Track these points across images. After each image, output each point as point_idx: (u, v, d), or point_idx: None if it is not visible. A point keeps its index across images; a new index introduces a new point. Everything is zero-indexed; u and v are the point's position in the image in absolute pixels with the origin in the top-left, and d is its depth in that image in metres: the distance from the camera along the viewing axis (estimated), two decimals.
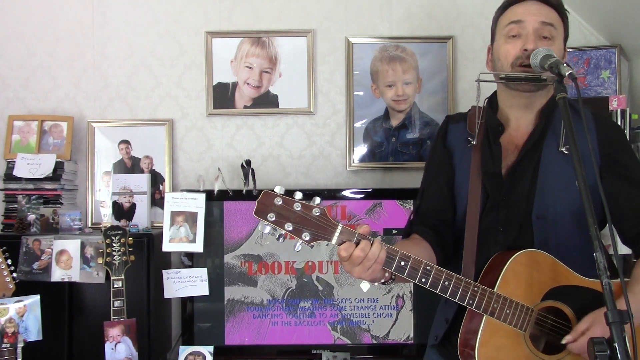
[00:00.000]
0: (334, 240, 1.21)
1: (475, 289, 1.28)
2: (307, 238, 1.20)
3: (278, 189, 1.20)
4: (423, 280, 1.26)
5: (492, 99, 1.53)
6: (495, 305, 1.29)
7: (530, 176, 1.41)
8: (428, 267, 1.26)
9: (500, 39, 1.45)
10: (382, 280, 1.31)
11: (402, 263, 1.24)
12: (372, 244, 1.21)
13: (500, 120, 1.47)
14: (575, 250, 1.36)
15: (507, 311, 1.29)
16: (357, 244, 1.21)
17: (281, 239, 1.21)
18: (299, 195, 1.22)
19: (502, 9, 1.47)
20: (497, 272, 1.34)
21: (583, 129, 1.29)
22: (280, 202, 1.20)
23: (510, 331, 1.30)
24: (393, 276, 1.30)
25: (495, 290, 1.30)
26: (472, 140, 1.47)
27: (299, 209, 1.20)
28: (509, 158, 1.44)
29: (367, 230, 1.24)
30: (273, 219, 1.19)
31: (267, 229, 1.21)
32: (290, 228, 1.19)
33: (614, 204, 1.34)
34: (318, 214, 1.20)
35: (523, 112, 1.45)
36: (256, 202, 1.21)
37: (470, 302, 1.28)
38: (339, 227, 1.21)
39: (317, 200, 1.22)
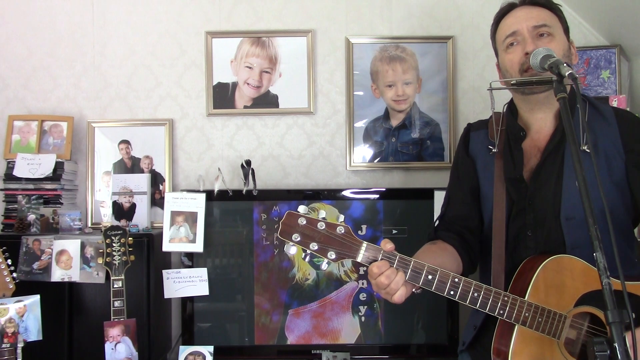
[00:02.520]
0: (360, 258, 1.24)
1: (506, 298, 1.27)
2: (333, 257, 1.23)
3: (302, 209, 1.23)
4: (452, 292, 1.26)
5: (512, 105, 1.54)
6: (526, 314, 1.27)
7: (555, 177, 1.40)
8: (456, 280, 1.26)
9: (502, 52, 1.49)
10: (413, 290, 1.31)
11: (430, 277, 1.25)
12: (397, 273, 1.23)
13: (521, 126, 1.47)
14: (608, 249, 1.35)
15: (539, 319, 1.28)
16: (389, 261, 1.23)
17: (307, 258, 1.26)
18: (322, 214, 1.24)
19: (495, 24, 1.52)
20: (527, 278, 1.33)
21: (605, 127, 1.34)
22: (305, 222, 1.22)
23: (544, 339, 1.29)
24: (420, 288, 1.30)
25: (526, 298, 1.29)
26: (492, 148, 1.48)
27: (323, 228, 1.22)
28: (532, 162, 1.45)
29: (392, 247, 1.26)
30: (298, 240, 1.22)
31: (293, 249, 1.23)
32: (316, 248, 1.22)
33: None
34: (342, 232, 1.23)
35: (542, 113, 1.45)
36: (280, 222, 1.23)
37: (501, 312, 1.27)
38: (364, 245, 1.24)
39: (341, 218, 1.25)
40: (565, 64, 1.23)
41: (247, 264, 2.33)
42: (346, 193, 2.35)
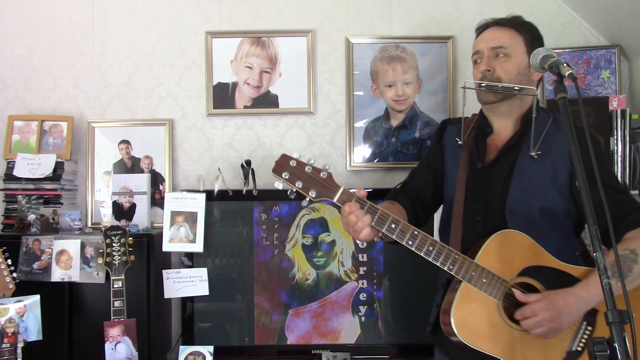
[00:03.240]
0: (336, 199, 1.45)
1: (457, 256, 1.47)
2: (313, 195, 1.44)
3: (294, 154, 1.48)
4: (410, 242, 1.46)
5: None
6: (473, 274, 1.46)
7: (505, 174, 1.59)
8: (415, 232, 1.46)
9: (473, 66, 1.72)
10: (375, 239, 1.52)
11: (393, 225, 1.45)
12: (365, 215, 1.43)
13: (488, 124, 1.68)
14: (544, 241, 1.51)
15: (484, 280, 1.46)
16: (360, 204, 1.44)
17: (292, 194, 1.45)
18: (311, 161, 1.47)
19: (474, 40, 1.74)
20: (479, 248, 1.50)
21: (560, 139, 1.55)
22: (295, 164, 1.46)
23: (486, 299, 1.46)
24: (383, 235, 1.50)
25: (475, 260, 1.47)
26: (459, 140, 1.69)
27: (310, 170, 1.45)
28: (488, 157, 1.64)
29: (364, 194, 1.47)
30: (287, 177, 1.45)
31: (281, 185, 1.45)
32: (300, 185, 1.44)
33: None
34: (325, 176, 1.45)
35: (502, 119, 1.65)
36: (275, 162, 1.47)
37: (451, 267, 1.46)
38: (341, 189, 1.46)
39: (327, 165, 1.47)
40: (565, 64, 1.25)
41: (247, 264, 2.33)
42: None
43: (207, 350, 2.18)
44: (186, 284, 2.27)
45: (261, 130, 2.59)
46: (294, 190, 1.44)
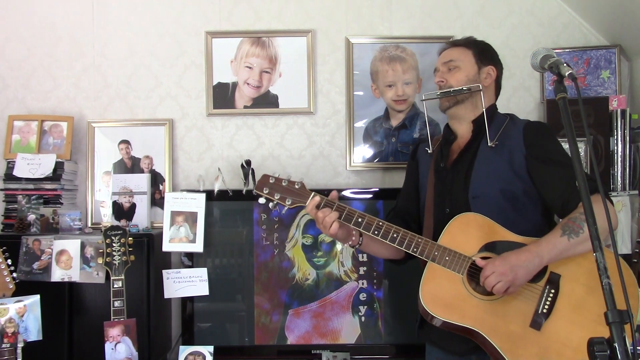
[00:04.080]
0: (308, 203, 1.68)
1: (419, 240, 1.66)
2: (289, 202, 1.69)
3: (272, 173, 1.73)
4: (376, 232, 1.66)
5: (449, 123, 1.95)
6: (436, 253, 1.63)
7: (466, 167, 1.77)
8: (380, 223, 1.67)
9: None
10: (350, 244, 1.76)
11: (360, 220, 1.67)
12: (331, 211, 1.65)
13: (451, 132, 1.89)
14: (508, 223, 1.66)
15: (447, 258, 1.63)
16: (329, 205, 1.66)
17: (274, 208, 1.70)
18: (289, 176, 1.72)
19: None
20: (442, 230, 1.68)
21: (515, 131, 1.74)
22: (273, 181, 1.71)
23: (450, 274, 1.62)
24: (360, 241, 1.77)
25: (437, 242, 1.65)
26: (428, 149, 1.91)
27: (286, 184, 1.71)
28: (453, 157, 1.83)
29: (335, 195, 1.72)
30: (267, 192, 1.70)
31: (262, 200, 1.71)
32: (278, 197, 1.70)
33: (540, 183, 1.69)
34: (299, 187, 1.71)
35: (459, 123, 1.85)
36: (257, 181, 1.73)
37: (415, 250, 1.65)
38: (312, 194, 1.69)
39: (301, 179, 1.73)
40: (565, 64, 1.25)
41: (247, 264, 2.33)
42: (346, 193, 2.35)
43: (207, 350, 2.18)
44: (186, 284, 2.27)
45: (261, 130, 2.59)
46: (275, 202, 1.69)
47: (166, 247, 2.27)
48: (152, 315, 2.22)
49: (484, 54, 1.87)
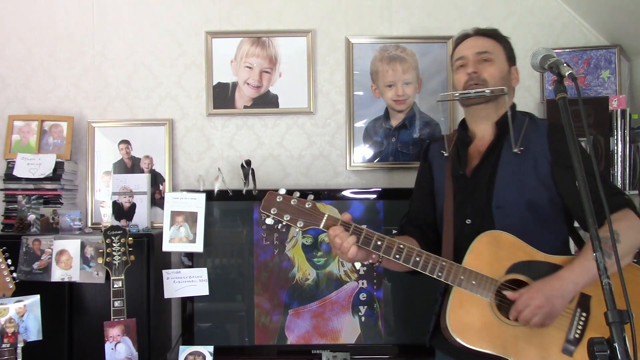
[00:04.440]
0: (321, 225, 1.53)
1: (443, 263, 1.52)
2: (301, 225, 1.53)
3: (280, 191, 1.54)
4: (397, 256, 1.52)
5: (463, 121, 1.83)
6: (462, 277, 1.51)
7: (489, 175, 1.65)
8: (401, 246, 1.53)
9: (454, 72, 1.78)
10: (371, 261, 1.59)
11: (379, 243, 1.52)
12: (349, 236, 1.50)
13: (468, 134, 1.76)
14: (530, 233, 1.57)
15: (473, 282, 1.51)
16: (344, 227, 1.52)
17: (283, 228, 1.54)
18: (296, 194, 1.55)
19: (453, 49, 1.81)
20: (466, 251, 1.56)
21: (538, 135, 1.63)
22: (281, 199, 1.54)
23: (478, 300, 1.51)
24: (380, 259, 1.57)
25: (462, 265, 1.52)
26: (444, 152, 1.77)
27: (295, 203, 1.54)
28: (473, 162, 1.71)
29: (349, 218, 1.54)
30: (275, 212, 1.53)
31: (270, 220, 1.54)
32: (288, 218, 1.53)
33: (567, 193, 1.59)
34: (309, 206, 1.54)
35: (482, 124, 1.72)
36: (263, 200, 1.55)
37: (440, 274, 1.52)
38: (326, 216, 1.54)
39: (311, 196, 1.55)
40: (565, 64, 1.25)
41: (247, 264, 2.33)
42: (346, 193, 2.35)
43: (207, 350, 2.18)
44: (186, 284, 2.27)
45: (261, 130, 2.59)
46: (284, 223, 1.53)
47: (166, 247, 2.27)
48: (152, 315, 2.22)
49: (512, 52, 1.76)
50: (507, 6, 2.60)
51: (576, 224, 1.72)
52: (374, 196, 2.35)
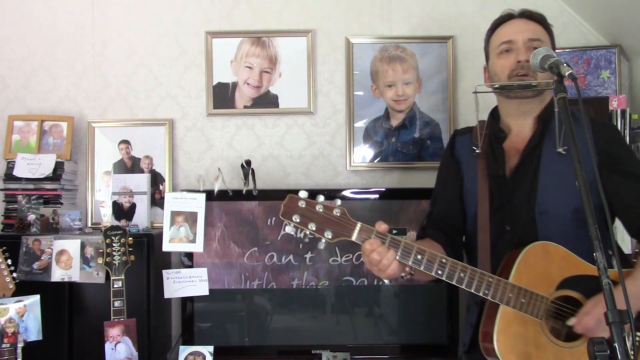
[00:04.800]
0: (354, 237, 1.34)
1: (490, 279, 1.36)
2: (330, 236, 1.33)
3: (301, 193, 1.33)
4: (439, 272, 1.35)
5: (494, 111, 1.65)
6: (510, 295, 1.36)
7: (531, 176, 1.50)
8: (444, 260, 1.36)
9: (494, 57, 1.59)
10: (402, 275, 1.42)
11: (419, 256, 1.35)
12: (388, 251, 1.33)
13: (502, 128, 1.59)
14: (576, 243, 1.43)
15: (522, 300, 1.36)
16: (380, 239, 1.33)
17: (306, 238, 1.35)
18: (321, 198, 1.33)
19: (492, 30, 1.62)
20: (511, 265, 1.41)
21: (582, 131, 1.42)
22: (304, 205, 1.32)
23: (527, 319, 1.37)
24: (412, 271, 1.41)
25: (509, 280, 1.37)
26: (476, 149, 1.59)
27: (321, 210, 1.32)
28: (511, 161, 1.54)
29: (385, 228, 1.36)
30: (298, 220, 1.32)
31: (291, 229, 1.33)
32: (314, 228, 1.32)
33: (616, 198, 1.45)
34: (339, 214, 1.33)
35: (523, 119, 1.56)
36: (282, 205, 1.33)
37: (486, 292, 1.36)
38: (358, 225, 1.34)
39: (338, 201, 1.35)
40: (565, 64, 1.24)
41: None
42: (346, 193, 2.35)
43: (207, 350, 2.18)
44: (186, 284, 2.27)
45: (261, 130, 2.59)
46: (308, 232, 1.33)
47: (166, 247, 2.27)
48: (152, 315, 2.22)
49: (553, 42, 1.58)
50: (507, 6, 2.56)
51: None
52: (374, 196, 2.35)
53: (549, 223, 1.47)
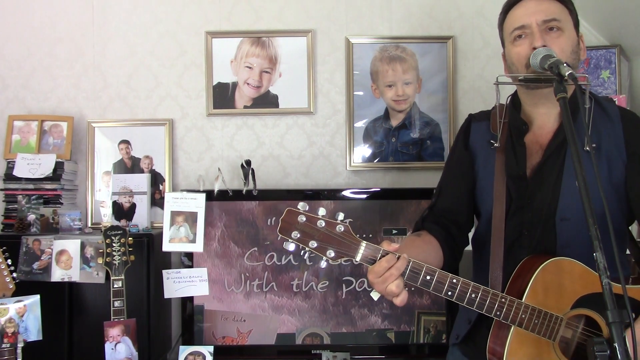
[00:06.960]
0: (358, 258, 1.22)
1: (503, 300, 1.27)
2: (332, 255, 1.21)
3: (301, 206, 1.21)
4: (449, 293, 1.25)
5: (515, 98, 1.51)
6: (523, 316, 1.27)
7: (555, 177, 1.38)
8: (454, 281, 1.25)
9: (508, 44, 1.44)
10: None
11: (428, 277, 1.24)
12: (398, 258, 1.21)
13: (524, 120, 1.45)
14: (589, 247, 1.33)
15: (536, 321, 1.28)
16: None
17: (306, 254, 1.23)
18: (322, 211, 1.22)
19: (504, 14, 1.47)
20: (525, 280, 1.32)
21: (610, 127, 1.34)
22: (304, 220, 1.20)
23: (540, 341, 1.29)
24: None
25: (523, 300, 1.29)
26: (494, 142, 1.45)
27: (323, 226, 1.21)
28: (533, 159, 1.42)
29: (395, 249, 1.24)
30: (297, 237, 1.20)
31: (292, 246, 1.22)
32: (315, 245, 1.20)
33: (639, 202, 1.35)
34: (342, 230, 1.21)
35: (547, 108, 1.42)
36: (280, 219, 1.21)
37: (498, 313, 1.27)
38: (363, 244, 1.22)
39: (341, 216, 1.23)
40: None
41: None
42: (346, 193, 2.35)
43: (207, 350, 2.18)
44: (186, 284, 2.26)
45: (261, 130, 2.59)
46: (308, 250, 1.22)
47: (166, 247, 2.27)
48: (152, 315, 2.22)
49: (578, 21, 1.41)
50: None
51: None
52: (374, 196, 2.35)
53: (570, 230, 1.36)
